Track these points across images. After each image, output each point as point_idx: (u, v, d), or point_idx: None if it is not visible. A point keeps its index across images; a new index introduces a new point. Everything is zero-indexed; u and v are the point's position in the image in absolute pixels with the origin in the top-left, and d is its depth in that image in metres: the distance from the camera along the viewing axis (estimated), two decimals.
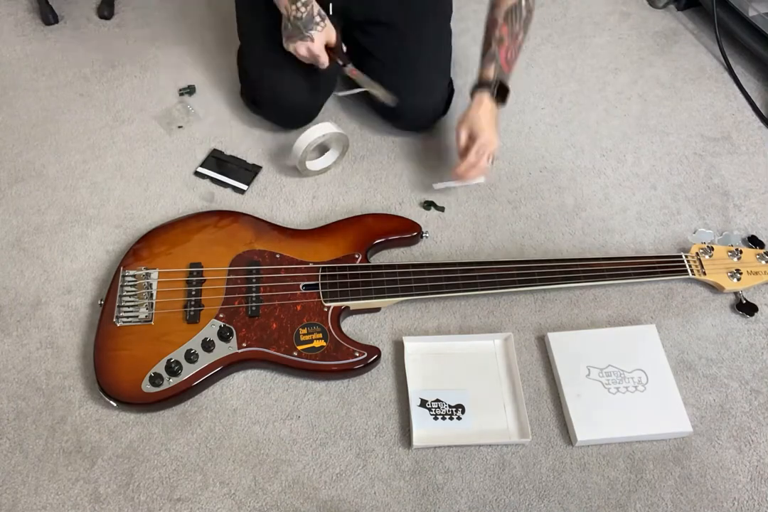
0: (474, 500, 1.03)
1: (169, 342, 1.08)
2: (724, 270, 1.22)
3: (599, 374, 1.12)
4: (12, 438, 1.07)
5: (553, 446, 1.08)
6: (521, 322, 1.21)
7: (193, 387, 1.06)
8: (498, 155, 1.32)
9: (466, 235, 1.32)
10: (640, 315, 1.22)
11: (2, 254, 1.26)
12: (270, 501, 1.03)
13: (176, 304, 1.12)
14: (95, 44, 1.58)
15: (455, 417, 1.09)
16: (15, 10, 1.65)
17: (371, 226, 1.25)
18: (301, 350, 1.09)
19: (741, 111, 1.53)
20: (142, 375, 1.05)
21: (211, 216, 1.24)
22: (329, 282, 1.15)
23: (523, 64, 1.60)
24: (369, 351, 1.11)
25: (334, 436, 1.09)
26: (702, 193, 1.39)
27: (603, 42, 1.66)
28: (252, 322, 1.11)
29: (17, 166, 1.38)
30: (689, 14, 1.73)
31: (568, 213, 1.36)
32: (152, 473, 1.04)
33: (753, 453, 1.08)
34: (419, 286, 1.15)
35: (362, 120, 1.47)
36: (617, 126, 1.50)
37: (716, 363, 1.17)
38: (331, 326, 1.11)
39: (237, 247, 1.18)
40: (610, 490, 1.05)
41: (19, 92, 1.49)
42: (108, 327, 1.09)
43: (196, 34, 1.61)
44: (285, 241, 1.21)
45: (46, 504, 1.02)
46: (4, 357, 1.14)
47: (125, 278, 1.14)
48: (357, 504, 1.03)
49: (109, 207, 1.32)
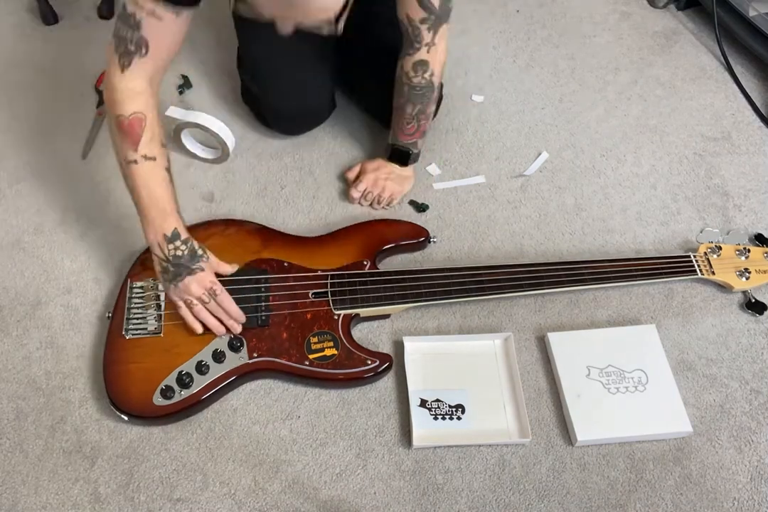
0: (474, 500, 1.03)
1: (180, 354, 1.07)
2: (733, 270, 1.22)
3: (599, 374, 1.12)
4: (12, 438, 1.07)
5: (553, 446, 1.08)
6: (521, 322, 1.21)
7: (205, 399, 1.05)
8: (399, 201, 1.35)
9: (466, 235, 1.32)
10: (640, 315, 1.22)
11: (2, 254, 1.26)
12: (270, 501, 1.03)
13: None
14: (95, 44, 1.58)
15: (455, 417, 1.09)
16: (15, 10, 1.65)
17: (379, 232, 1.24)
18: (312, 359, 1.08)
19: (741, 111, 1.53)
20: (153, 387, 1.04)
21: (217, 224, 1.23)
22: (339, 290, 1.14)
23: (523, 64, 1.61)
24: (381, 359, 1.10)
25: (334, 436, 1.09)
26: (702, 193, 1.39)
27: (603, 42, 1.66)
28: (262, 332, 1.10)
29: (17, 166, 1.38)
30: (689, 14, 1.73)
31: (568, 213, 1.36)
32: (152, 473, 1.04)
33: (753, 453, 1.08)
34: (429, 292, 1.15)
35: (362, 120, 1.47)
36: (617, 126, 1.50)
37: (716, 363, 1.17)
38: (342, 334, 1.11)
39: (245, 256, 1.17)
40: (610, 490, 1.05)
41: (19, 92, 1.49)
42: (117, 339, 1.09)
43: (196, 34, 1.61)
44: (293, 249, 1.20)
45: (46, 504, 1.02)
46: (4, 357, 1.14)
47: (133, 290, 1.13)
48: (357, 504, 1.03)
49: (109, 207, 1.32)
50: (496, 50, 1.63)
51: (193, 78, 1.53)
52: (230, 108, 1.48)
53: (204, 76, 1.53)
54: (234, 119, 1.46)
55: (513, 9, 1.72)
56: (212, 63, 1.56)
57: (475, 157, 1.43)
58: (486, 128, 1.48)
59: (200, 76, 1.53)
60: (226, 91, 1.51)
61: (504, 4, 1.73)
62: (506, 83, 1.57)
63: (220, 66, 1.55)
